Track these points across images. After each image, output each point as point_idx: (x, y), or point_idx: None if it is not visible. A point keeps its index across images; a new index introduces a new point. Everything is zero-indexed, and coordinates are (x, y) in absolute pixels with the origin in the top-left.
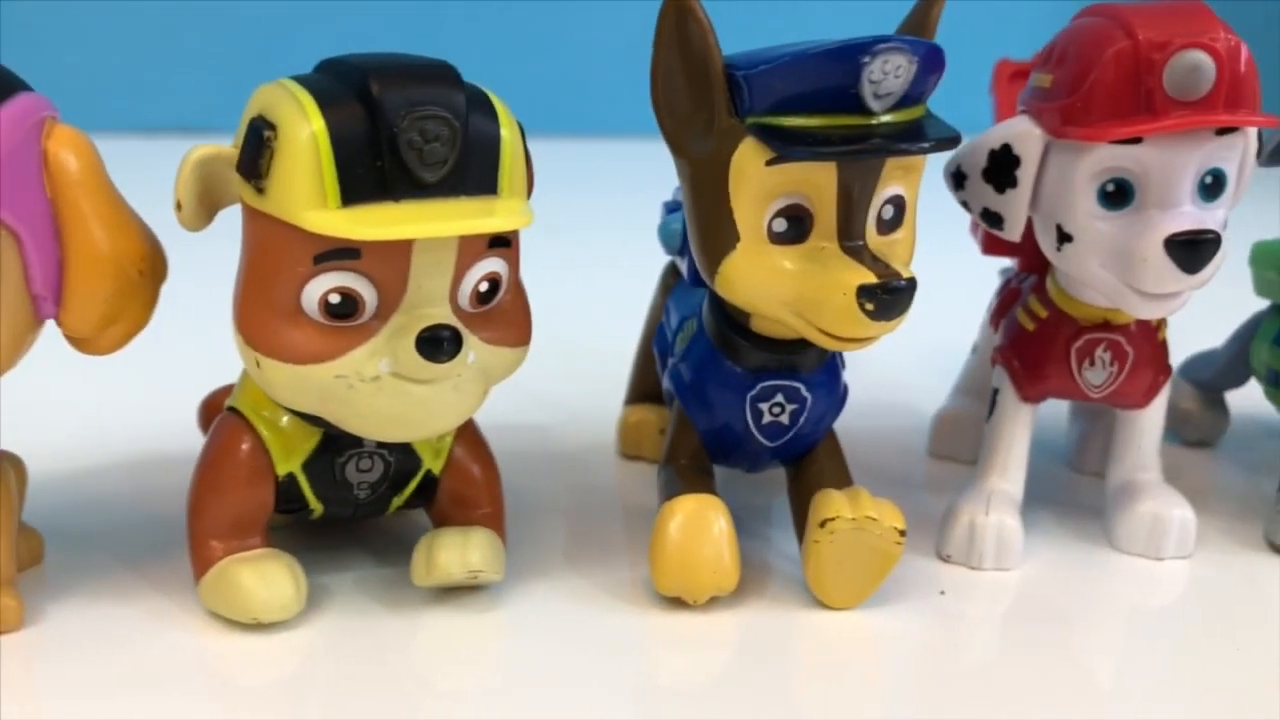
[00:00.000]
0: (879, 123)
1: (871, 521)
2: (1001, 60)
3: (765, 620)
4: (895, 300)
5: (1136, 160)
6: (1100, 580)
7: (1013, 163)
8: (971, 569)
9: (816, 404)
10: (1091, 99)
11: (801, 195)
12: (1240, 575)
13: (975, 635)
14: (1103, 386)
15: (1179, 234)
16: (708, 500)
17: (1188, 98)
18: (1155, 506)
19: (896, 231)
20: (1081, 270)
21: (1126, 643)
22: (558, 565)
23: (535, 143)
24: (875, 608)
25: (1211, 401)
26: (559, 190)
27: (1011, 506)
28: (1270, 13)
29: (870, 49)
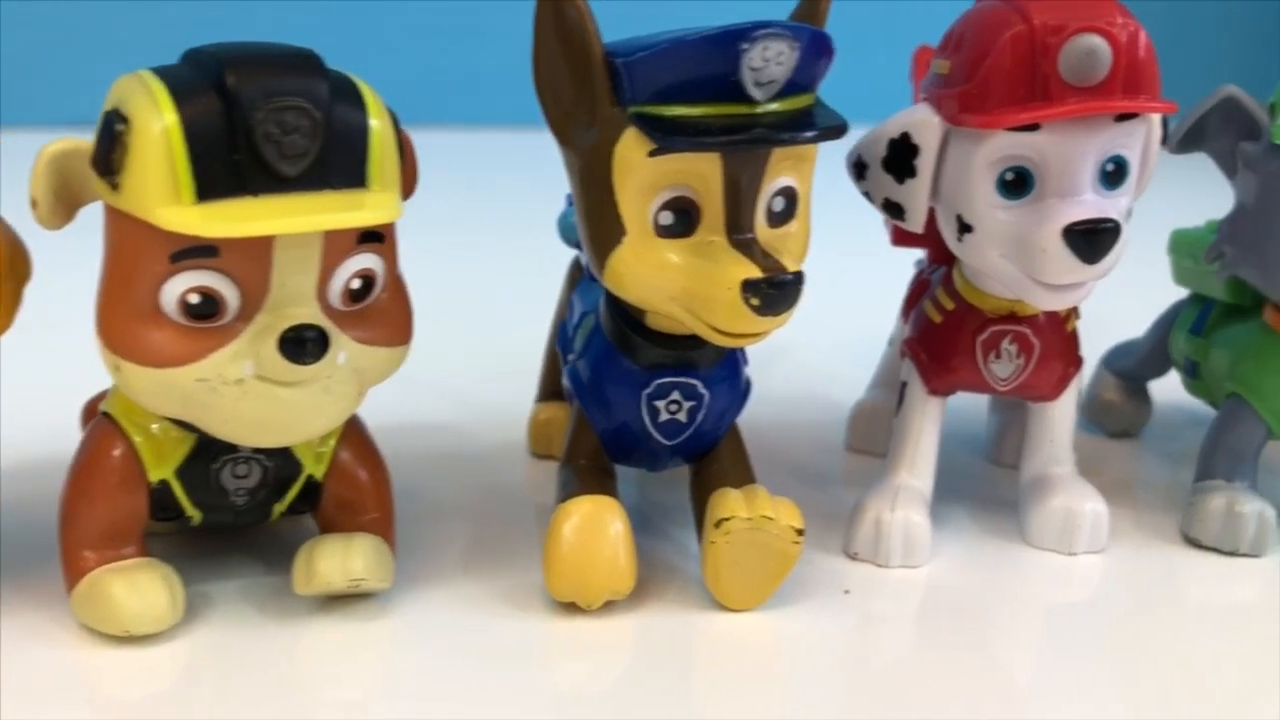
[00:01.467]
0: (763, 111)
1: (767, 521)
2: (921, 46)
3: (665, 623)
4: (781, 295)
5: (1034, 148)
6: (1011, 576)
7: (911, 152)
8: (879, 567)
9: (716, 401)
10: (987, 85)
11: (687, 187)
12: (1155, 569)
13: (881, 634)
14: (1010, 379)
15: (1077, 223)
16: (604, 502)
17: (1084, 83)
18: (1067, 501)
19: (789, 224)
20: (982, 261)
21: (1033, 639)
22: (454, 570)
23: (449, 133)
24: (778, 608)
25: (1134, 392)
26: (472, 182)
27: (919, 502)
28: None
29: (749, 35)
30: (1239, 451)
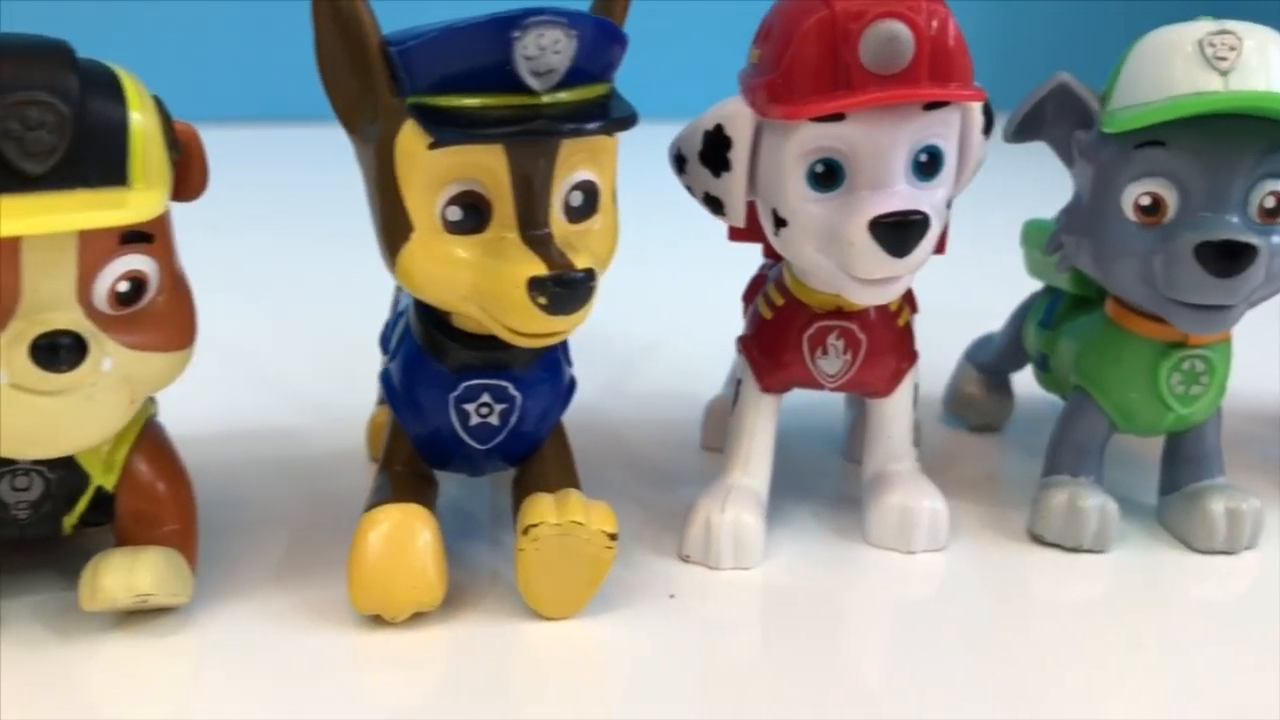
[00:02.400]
0: (547, 102)
1: (577, 526)
2: None
3: (479, 634)
4: (570, 294)
5: (843, 139)
6: (848, 576)
7: (725, 144)
8: (711, 569)
9: (532, 402)
10: (791, 75)
11: (475, 181)
12: (998, 567)
13: (706, 638)
14: (838, 375)
15: (884, 216)
16: (413, 511)
17: (887, 70)
18: (905, 499)
19: (590, 219)
20: (798, 256)
21: (863, 640)
22: (264, 583)
23: (301, 129)
24: (597, 615)
25: (995, 385)
26: (320, 177)
27: (752, 502)
28: None
29: (520, 22)
30: (1083, 446)
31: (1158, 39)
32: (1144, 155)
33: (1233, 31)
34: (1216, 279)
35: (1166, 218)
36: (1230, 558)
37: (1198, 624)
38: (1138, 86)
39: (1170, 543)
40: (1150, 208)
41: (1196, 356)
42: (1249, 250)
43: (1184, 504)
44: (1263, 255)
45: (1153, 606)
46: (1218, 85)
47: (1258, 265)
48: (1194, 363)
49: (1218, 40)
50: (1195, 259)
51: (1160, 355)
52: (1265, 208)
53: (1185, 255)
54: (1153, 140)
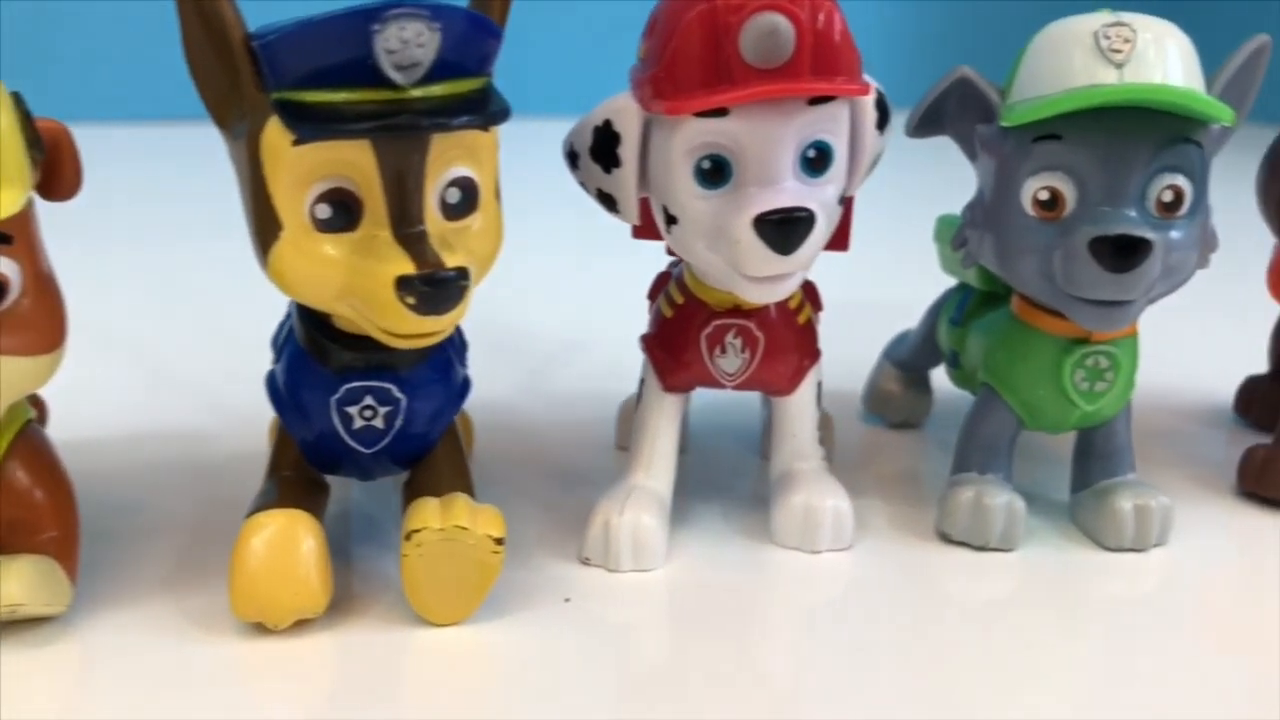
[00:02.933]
0: (415, 96)
1: (462, 531)
2: None
3: (368, 641)
4: (439, 293)
5: (728, 134)
6: (752, 577)
7: (614, 140)
8: (611, 571)
9: (419, 404)
10: (674, 69)
11: (344, 178)
12: (905, 566)
13: (600, 643)
14: (737, 374)
15: (768, 213)
16: (296, 517)
17: (768, 64)
18: (808, 498)
19: (470, 217)
20: (689, 253)
21: (768, 641)
22: (151, 590)
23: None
24: (489, 620)
25: (913, 382)
26: (221, 175)
27: (652, 504)
28: None
29: (380, 15)
30: (991, 444)
31: (1055, 31)
32: (1041, 149)
33: (1128, 24)
34: (1112, 274)
35: (1065, 212)
36: (1139, 555)
37: (1106, 622)
38: (1035, 79)
39: (1080, 540)
40: (1049, 202)
41: (1100, 353)
42: (1144, 245)
43: (1093, 501)
44: (1158, 250)
45: (1061, 605)
46: (1112, 78)
47: (1153, 260)
48: (1098, 359)
49: (1113, 32)
50: (1090, 254)
51: (1064, 352)
52: (1163, 201)
53: (1081, 250)
54: (1050, 134)
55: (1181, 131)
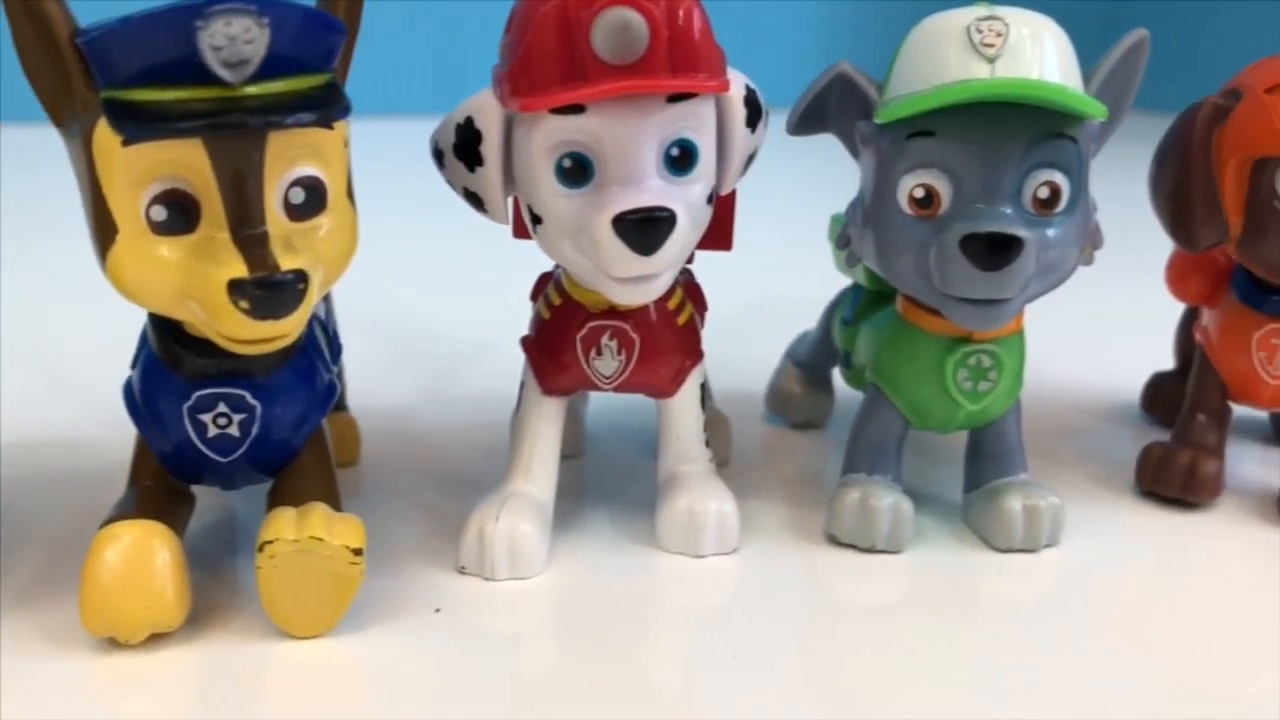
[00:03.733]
0: (248, 94)
1: (317, 542)
2: None
3: (228, 654)
4: (274, 296)
5: (587, 132)
6: (632, 583)
7: (477, 138)
8: (487, 580)
9: (279, 410)
10: (528, 65)
11: (179, 179)
12: (792, 569)
13: (469, 653)
14: (614, 376)
15: (627, 212)
16: (151, 528)
17: (621, 60)
18: (692, 501)
19: (317, 217)
20: (556, 254)
21: (652, 647)
22: (6, 605)
23: None
24: (353, 632)
25: (814, 381)
26: None
27: (530, 510)
28: None
29: (203, 11)
30: (879, 444)
31: (929, 26)
32: (915, 146)
33: (1000, 18)
34: (984, 272)
35: (941, 210)
36: (1031, 556)
37: (996, 623)
38: (909, 75)
39: (972, 542)
40: (924, 200)
41: (983, 351)
42: (1015, 243)
43: (984, 502)
44: (1030, 247)
45: (950, 606)
46: (984, 72)
47: (1025, 258)
48: (980, 358)
49: (985, 26)
50: (962, 252)
51: (946, 351)
52: (1039, 198)
53: (953, 248)
54: (923, 130)
55: (1055, 127)
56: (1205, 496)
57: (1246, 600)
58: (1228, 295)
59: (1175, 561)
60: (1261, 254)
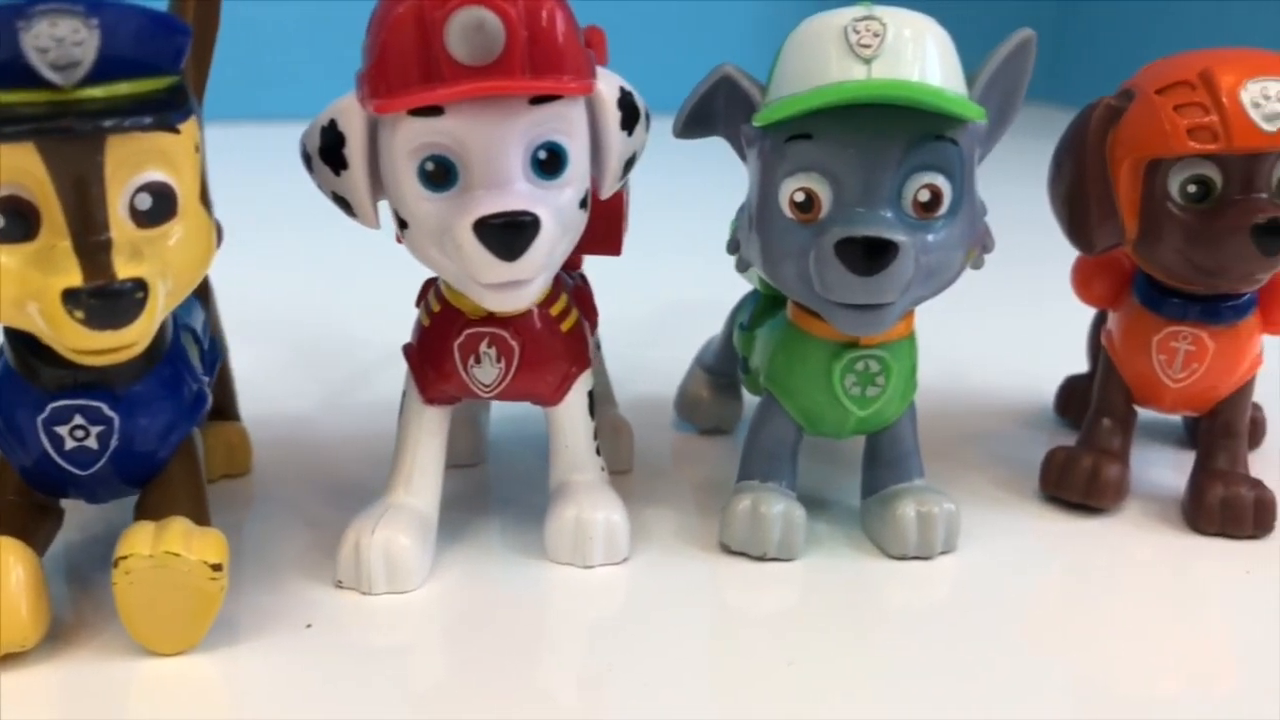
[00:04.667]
0: (80, 97)
1: (173, 558)
2: None
3: (89, 672)
4: (110, 306)
5: (448, 134)
6: (517, 596)
7: (340, 141)
8: (364, 595)
9: (143, 421)
10: (385, 66)
11: (16, 185)
12: (680, 579)
13: (337, 669)
14: (493, 385)
15: (488, 217)
16: (6, 545)
17: (477, 61)
18: (580, 511)
19: (166, 224)
20: (424, 258)
21: (527, 660)
22: None
23: None
24: (218, 649)
25: (722, 387)
26: None
27: (410, 522)
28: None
29: (25, 11)
30: (772, 451)
31: (807, 27)
32: (795, 149)
33: (878, 18)
34: (860, 277)
35: (821, 214)
36: (926, 563)
37: (888, 631)
38: (788, 77)
39: (868, 549)
40: (804, 204)
41: (870, 357)
42: (890, 247)
43: (879, 508)
44: (907, 252)
45: (842, 615)
46: (860, 74)
47: (902, 262)
48: (867, 363)
49: (862, 27)
50: (837, 257)
51: (833, 357)
52: (920, 201)
53: (828, 253)
54: (802, 133)
55: (934, 129)
56: (1108, 501)
57: (1145, 606)
58: (1130, 298)
59: (1075, 566)
60: (1157, 255)
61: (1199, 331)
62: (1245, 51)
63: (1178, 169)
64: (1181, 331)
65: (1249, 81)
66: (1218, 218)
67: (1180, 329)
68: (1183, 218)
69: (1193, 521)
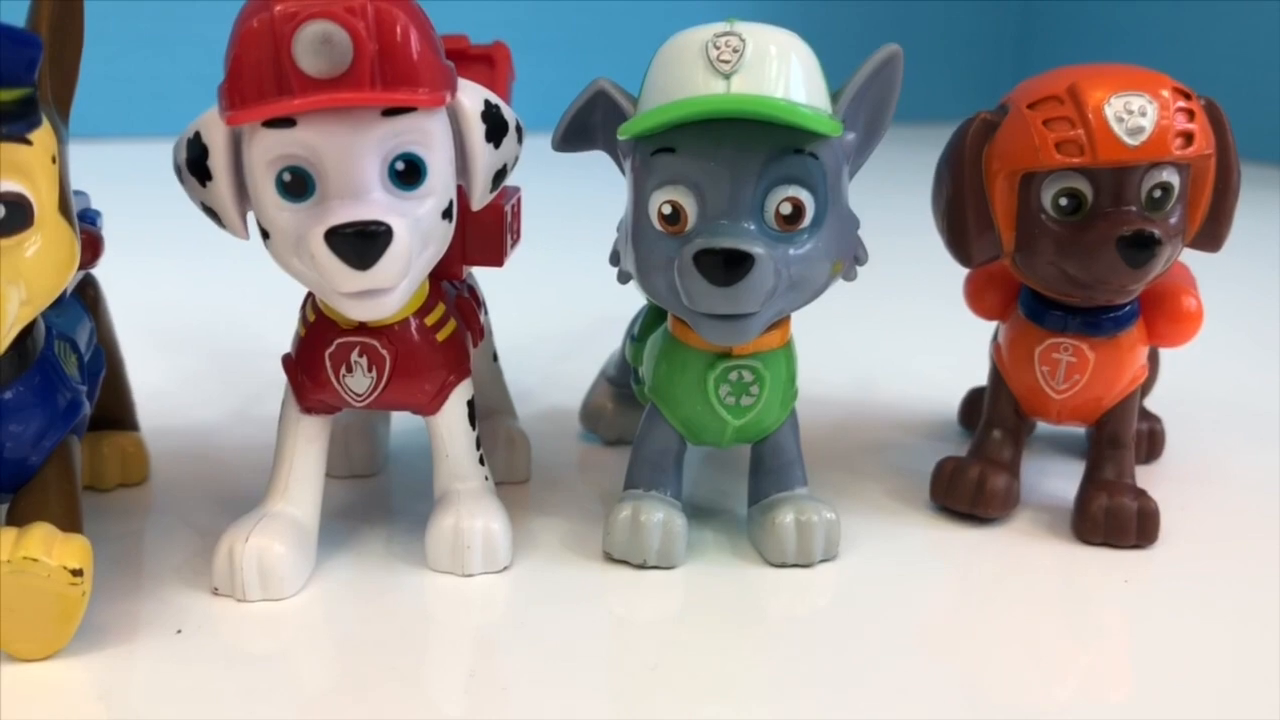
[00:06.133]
0: None
1: (31, 563)
2: None
3: None
4: None
5: (303, 145)
6: (393, 604)
7: (204, 153)
8: (240, 602)
9: (10, 428)
10: (238, 79)
11: None
12: (562, 586)
13: (204, 676)
14: (366, 394)
15: (338, 226)
16: None
17: (325, 74)
18: (459, 519)
19: (20, 234)
20: (287, 268)
21: (411, 670)
22: None
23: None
24: (82, 654)
25: (625, 398)
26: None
27: (285, 530)
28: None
29: None
30: (656, 461)
31: (673, 43)
32: (660, 162)
33: (737, 33)
34: (719, 288)
35: (688, 226)
36: (808, 570)
37: (768, 637)
38: (654, 91)
39: (751, 557)
40: (671, 216)
41: (743, 367)
42: (747, 259)
43: (760, 516)
44: (764, 264)
45: (722, 620)
46: (719, 88)
47: (759, 273)
48: (741, 373)
49: (722, 42)
50: (696, 267)
51: (708, 367)
52: (782, 214)
53: (688, 264)
54: (666, 147)
55: (793, 143)
56: (994, 510)
57: (1026, 613)
58: (1015, 311)
59: (957, 574)
60: (1033, 267)
61: (1080, 343)
62: (1113, 67)
63: (1050, 182)
64: (1063, 343)
65: (1113, 97)
66: (1088, 230)
67: (1062, 340)
68: (1055, 230)
69: (1078, 531)
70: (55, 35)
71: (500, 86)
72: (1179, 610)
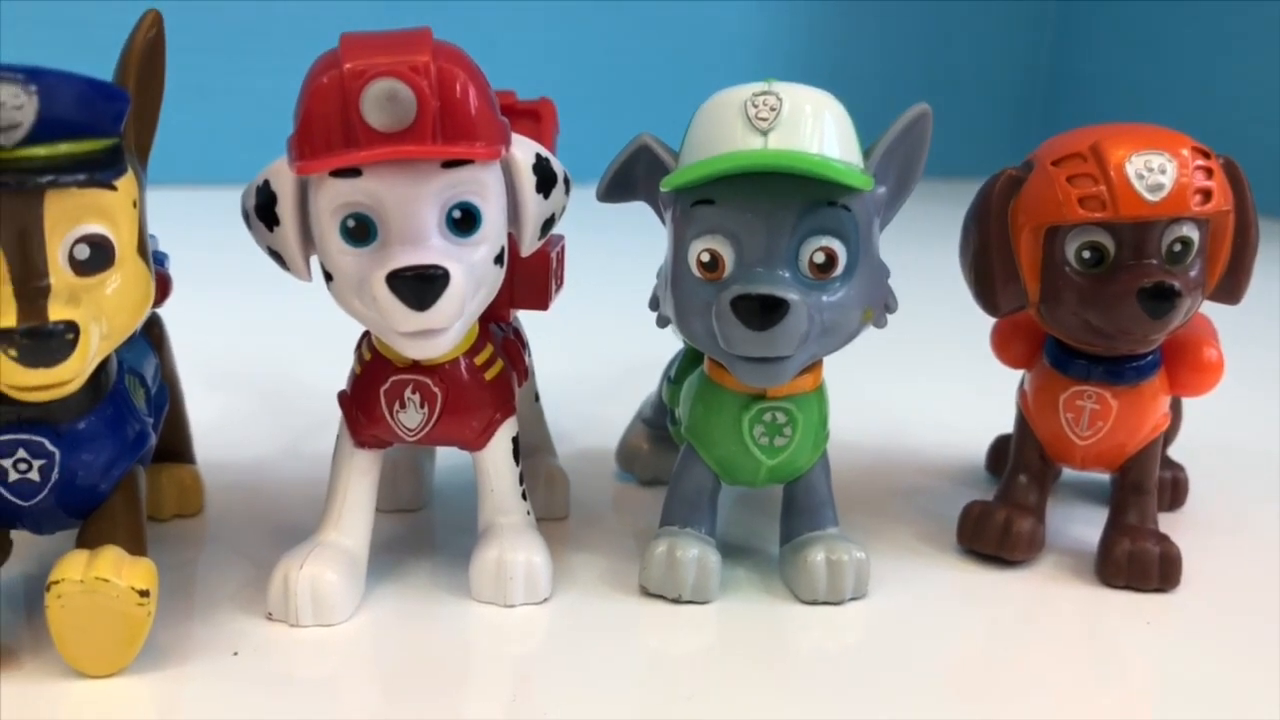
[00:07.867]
0: (18, 156)
1: (103, 584)
2: None
3: (21, 693)
4: (41, 345)
5: (367, 194)
6: (441, 633)
7: (273, 199)
8: (293, 627)
9: (83, 456)
10: (309, 131)
11: None
12: (598, 620)
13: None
14: (417, 430)
15: (401, 270)
16: None
17: (390, 128)
18: (502, 552)
19: (103, 273)
20: (348, 309)
21: (445, 698)
22: None
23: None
24: (146, 672)
25: (660, 439)
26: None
27: (338, 559)
28: None
29: None
30: (692, 499)
31: (713, 101)
32: (700, 213)
33: (774, 92)
34: (755, 332)
35: (725, 273)
36: (838, 609)
37: (795, 672)
38: (695, 146)
39: (783, 594)
40: (710, 263)
41: (777, 408)
42: (782, 305)
43: (792, 555)
44: (799, 309)
45: (754, 655)
46: (758, 144)
47: (794, 318)
48: (774, 414)
49: (760, 101)
50: (733, 312)
51: (743, 408)
52: (816, 263)
53: (726, 309)
54: (706, 199)
55: (827, 196)
56: (1020, 553)
57: (1048, 654)
58: (1040, 359)
59: (982, 614)
60: (1057, 318)
61: (1103, 391)
62: (1135, 127)
63: (1073, 235)
64: (1086, 391)
65: (1134, 155)
66: (1110, 282)
67: (1085, 388)
68: (1079, 282)
69: (1101, 574)
70: (139, 88)
71: (546, 139)
72: (1201, 653)
